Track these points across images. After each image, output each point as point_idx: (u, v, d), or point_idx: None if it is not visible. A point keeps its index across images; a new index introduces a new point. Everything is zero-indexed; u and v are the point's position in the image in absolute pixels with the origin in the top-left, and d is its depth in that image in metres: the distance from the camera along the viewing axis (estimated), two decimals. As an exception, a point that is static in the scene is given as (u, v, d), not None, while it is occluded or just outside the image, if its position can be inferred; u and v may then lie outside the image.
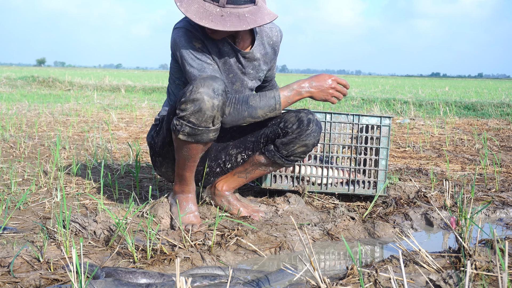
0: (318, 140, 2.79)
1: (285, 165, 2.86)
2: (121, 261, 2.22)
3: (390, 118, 3.36)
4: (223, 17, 2.43)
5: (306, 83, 2.62)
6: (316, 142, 2.78)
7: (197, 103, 2.39)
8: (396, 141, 6.40)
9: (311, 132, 2.73)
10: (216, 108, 2.43)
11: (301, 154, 2.81)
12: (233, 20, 2.44)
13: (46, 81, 19.06)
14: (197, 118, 2.42)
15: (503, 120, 9.34)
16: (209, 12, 2.41)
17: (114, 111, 9.38)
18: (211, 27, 2.40)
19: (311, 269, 1.90)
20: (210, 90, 2.40)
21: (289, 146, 2.76)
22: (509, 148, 5.95)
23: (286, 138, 2.76)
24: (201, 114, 2.41)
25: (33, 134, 6.02)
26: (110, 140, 5.72)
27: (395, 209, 3.23)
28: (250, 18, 2.48)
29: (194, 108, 2.40)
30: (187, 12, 2.40)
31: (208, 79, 2.43)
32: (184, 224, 2.67)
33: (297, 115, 2.76)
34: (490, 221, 3.20)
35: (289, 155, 2.79)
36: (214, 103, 2.41)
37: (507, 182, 4.08)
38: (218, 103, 2.42)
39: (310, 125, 2.73)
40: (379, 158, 3.38)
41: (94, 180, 3.75)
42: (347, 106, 11.75)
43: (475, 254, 2.14)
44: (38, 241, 2.39)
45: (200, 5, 2.42)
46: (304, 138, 2.73)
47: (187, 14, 2.40)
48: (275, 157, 2.80)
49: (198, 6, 2.42)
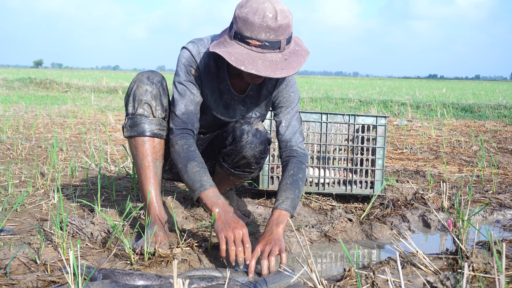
0: (259, 151, 2.63)
1: (240, 176, 2.76)
2: (118, 263, 2.22)
3: (385, 117, 3.37)
4: (287, 61, 2.31)
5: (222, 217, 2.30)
6: (257, 153, 2.63)
7: (132, 90, 2.50)
8: (394, 143, 6.40)
9: (246, 143, 2.58)
10: (150, 94, 2.47)
11: (246, 167, 2.69)
12: (294, 59, 2.33)
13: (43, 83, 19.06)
14: (133, 106, 2.49)
15: (500, 122, 9.35)
16: (275, 63, 2.27)
17: (111, 113, 9.37)
18: (286, 75, 2.28)
19: (309, 271, 1.90)
20: (144, 77, 2.50)
21: (230, 158, 2.67)
22: (506, 150, 5.95)
23: (226, 149, 2.67)
24: (136, 101, 2.48)
25: (30, 136, 6.01)
26: (107, 142, 5.71)
27: (392, 210, 3.23)
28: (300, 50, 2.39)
29: (130, 97, 2.50)
30: (259, 72, 2.23)
31: (145, 72, 2.53)
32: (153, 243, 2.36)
33: (234, 126, 2.65)
34: (487, 223, 3.20)
35: (235, 167, 2.71)
36: (147, 89, 2.47)
37: (504, 184, 4.09)
38: (152, 90, 2.48)
39: (243, 137, 2.59)
40: (376, 157, 3.38)
41: (91, 181, 3.74)
42: (344, 107, 11.76)
43: (472, 256, 2.14)
44: (35, 243, 2.38)
45: (263, 59, 2.27)
46: (240, 149, 2.60)
47: (260, 74, 2.23)
48: (224, 168, 2.74)
49: (262, 61, 2.27)
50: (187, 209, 3.05)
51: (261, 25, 2.23)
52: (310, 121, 3.35)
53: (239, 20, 2.27)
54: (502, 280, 1.56)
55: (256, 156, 2.63)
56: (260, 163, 2.70)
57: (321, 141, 3.36)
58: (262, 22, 2.22)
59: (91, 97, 13.87)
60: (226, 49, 2.30)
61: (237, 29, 2.28)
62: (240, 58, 2.25)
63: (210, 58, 2.55)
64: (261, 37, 2.24)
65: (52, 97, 13.60)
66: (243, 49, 2.27)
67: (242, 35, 2.26)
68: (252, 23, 2.23)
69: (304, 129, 3.35)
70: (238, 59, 2.24)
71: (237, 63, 2.23)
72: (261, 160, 2.67)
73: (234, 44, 2.30)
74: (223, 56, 2.26)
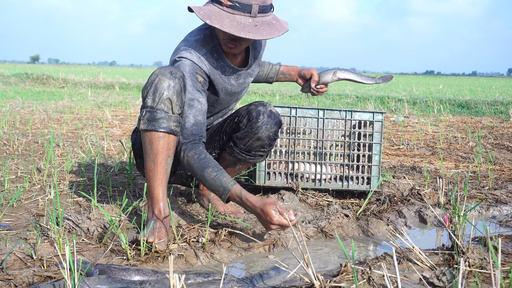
0: (274, 132, 2.70)
1: (249, 160, 2.80)
2: (115, 258, 2.22)
3: (382, 113, 3.37)
4: (257, 27, 2.42)
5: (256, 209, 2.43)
6: (272, 134, 2.70)
7: (153, 83, 2.43)
8: (390, 139, 6.41)
9: (262, 124, 2.65)
10: (172, 89, 2.42)
11: (260, 148, 2.75)
12: (266, 28, 2.44)
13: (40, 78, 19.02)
14: (153, 100, 2.42)
15: (496, 118, 9.36)
16: (243, 24, 2.39)
17: (108, 109, 9.36)
18: (251, 38, 2.38)
19: (305, 266, 1.90)
20: (167, 72, 2.43)
21: (244, 141, 2.71)
22: (502, 146, 5.96)
23: (240, 132, 2.72)
24: (158, 94, 2.41)
25: (27, 132, 6.00)
26: (104, 138, 5.71)
27: (389, 206, 3.24)
28: (277, 25, 2.50)
29: (151, 89, 2.43)
30: (222, 27, 2.36)
31: (167, 67, 2.48)
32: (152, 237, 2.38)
33: (248, 108, 2.71)
34: (483, 219, 3.21)
35: (248, 150, 2.75)
36: (170, 83, 2.42)
37: (500, 180, 4.10)
38: (175, 84, 2.43)
39: (259, 118, 2.65)
40: (373, 153, 3.39)
41: (87, 177, 3.74)
42: (341, 103, 11.76)
43: (468, 252, 2.15)
44: (31, 238, 2.38)
45: (231, 18, 2.40)
46: (255, 131, 2.66)
47: (223, 29, 2.35)
48: (235, 153, 2.77)
49: (230, 20, 2.39)
50: (183, 204, 3.05)
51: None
52: (307, 116, 3.35)
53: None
54: (497, 275, 1.56)
55: (270, 138, 2.71)
56: (271, 146, 2.78)
57: (318, 137, 3.36)
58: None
59: (88, 92, 13.85)
60: (199, 7, 2.45)
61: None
62: (208, 13, 2.42)
63: (208, 55, 2.60)
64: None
65: (49, 93, 13.58)
66: (215, 8, 2.44)
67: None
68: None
69: (301, 125, 3.35)
70: (206, 14, 2.41)
71: (204, 17, 2.39)
72: (273, 142, 2.76)
73: (209, 4, 2.48)
74: (194, 11, 2.41)
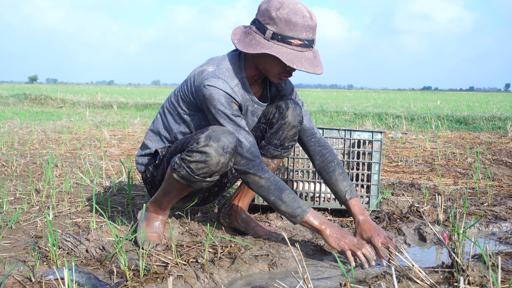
0: (302, 117, 2.83)
1: (283, 154, 2.90)
2: (114, 280, 2.21)
3: (381, 133, 3.38)
4: (316, 58, 2.50)
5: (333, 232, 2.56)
6: (301, 119, 2.82)
7: (204, 156, 2.41)
8: (389, 156, 6.41)
9: (293, 111, 2.78)
10: (221, 165, 2.44)
11: (294, 137, 2.87)
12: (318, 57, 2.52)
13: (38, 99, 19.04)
14: (198, 168, 2.43)
15: (494, 133, 9.37)
16: (310, 60, 2.45)
17: (106, 128, 9.37)
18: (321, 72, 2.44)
19: (304, 286, 1.89)
20: (220, 147, 2.40)
21: (278, 134, 2.83)
22: (501, 162, 5.97)
23: (273, 128, 2.83)
24: (204, 166, 2.42)
25: (25, 152, 6.00)
26: (102, 157, 5.70)
27: (388, 224, 3.23)
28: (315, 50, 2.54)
29: (199, 158, 2.42)
30: (308, 69, 2.40)
31: (221, 133, 2.42)
32: (148, 242, 2.65)
33: (276, 104, 2.81)
34: (483, 235, 3.21)
35: (282, 143, 2.85)
36: (220, 160, 2.42)
37: (499, 196, 4.09)
38: (224, 160, 2.43)
39: (289, 106, 2.78)
40: (371, 173, 3.39)
41: (86, 198, 3.73)
42: (339, 120, 11.78)
43: (468, 269, 2.15)
44: (30, 261, 2.38)
45: (305, 57, 2.44)
46: (289, 120, 2.79)
47: (308, 71, 2.40)
48: (270, 150, 2.86)
49: (305, 59, 2.43)
50: (183, 224, 3.05)
51: (303, 25, 2.41)
52: (305, 135, 3.35)
53: (279, 21, 2.41)
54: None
55: (300, 122, 2.83)
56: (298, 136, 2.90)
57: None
58: (304, 22, 2.41)
59: (86, 112, 13.87)
60: (272, 50, 2.43)
61: (277, 30, 2.43)
62: (290, 57, 2.41)
63: (239, 86, 2.62)
64: (303, 36, 2.43)
65: (47, 113, 13.60)
66: (286, 49, 2.43)
67: (284, 35, 2.42)
68: (296, 23, 2.40)
69: (299, 144, 3.36)
70: (289, 59, 2.40)
71: (288, 62, 2.39)
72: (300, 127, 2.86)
73: (274, 45, 2.45)
74: (278, 56, 2.40)
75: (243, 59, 2.63)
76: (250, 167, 2.53)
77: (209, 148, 2.39)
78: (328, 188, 2.87)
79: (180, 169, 2.47)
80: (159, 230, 2.75)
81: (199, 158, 2.41)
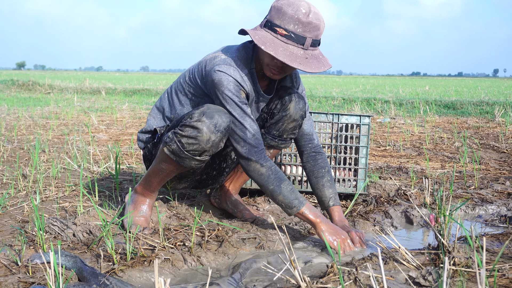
0: (304, 112, 2.80)
1: (281, 145, 2.88)
2: (101, 263, 2.21)
3: (369, 117, 3.38)
4: (307, 60, 2.46)
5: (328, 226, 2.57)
6: (303, 113, 2.80)
7: (196, 131, 2.41)
8: (377, 140, 6.43)
9: (295, 104, 2.76)
10: (211, 143, 2.44)
11: (293, 130, 2.83)
12: (314, 62, 2.48)
13: (26, 85, 18.92)
14: (188, 143, 2.43)
15: (482, 118, 9.41)
16: (295, 55, 2.43)
17: (94, 114, 9.33)
18: (301, 69, 2.43)
19: (291, 268, 1.90)
20: (212, 124, 2.41)
21: (278, 125, 2.80)
22: (488, 146, 6.00)
23: (273, 119, 2.81)
24: (194, 142, 2.43)
25: (12, 138, 5.97)
26: (90, 143, 5.68)
27: (375, 207, 3.24)
28: (323, 60, 2.53)
29: (190, 133, 2.42)
30: (277, 54, 2.38)
31: (215, 111, 2.44)
32: (135, 225, 2.66)
33: (280, 95, 2.80)
34: (469, 218, 3.23)
35: (281, 134, 2.83)
36: (211, 137, 2.42)
37: (486, 179, 4.12)
38: (215, 139, 2.44)
39: (292, 98, 2.76)
40: (359, 156, 3.40)
41: (73, 183, 3.72)
42: (328, 106, 11.78)
43: (454, 251, 2.16)
44: (16, 245, 2.37)
45: (285, 47, 2.43)
46: (290, 112, 2.76)
47: (277, 57, 2.38)
48: (267, 140, 2.85)
49: (283, 49, 2.42)
50: (170, 208, 3.04)
51: (292, 16, 2.42)
52: (292, 119, 3.35)
53: (273, 9, 2.48)
54: (482, 274, 1.57)
55: (303, 117, 2.82)
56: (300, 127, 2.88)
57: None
58: (294, 14, 2.41)
59: (74, 98, 13.79)
60: (253, 31, 2.48)
61: (269, 18, 2.48)
62: (264, 39, 2.43)
63: (248, 76, 2.62)
64: (289, 27, 2.43)
65: (35, 99, 13.52)
66: (269, 34, 2.46)
67: (272, 22, 2.46)
68: (285, 13, 2.42)
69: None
70: (261, 39, 2.42)
71: (259, 42, 2.41)
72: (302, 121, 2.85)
73: (262, 30, 2.49)
74: (250, 35, 2.44)
75: (255, 51, 2.64)
76: (252, 153, 2.54)
77: (201, 124, 2.40)
78: (313, 192, 2.88)
79: (171, 143, 2.47)
80: (146, 213, 2.75)
81: (191, 133, 2.41)
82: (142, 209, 2.76)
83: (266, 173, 2.55)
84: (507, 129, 7.46)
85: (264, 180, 2.56)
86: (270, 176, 2.55)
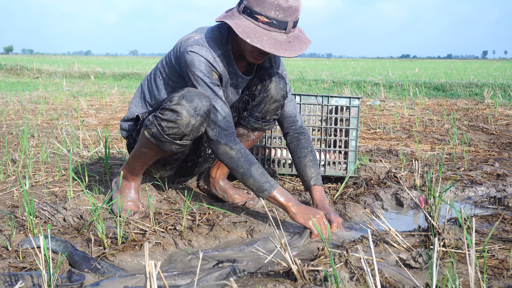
0: (285, 92, 2.79)
1: (264, 127, 2.87)
2: (92, 248, 2.20)
3: (359, 99, 3.38)
4: (291, 43, 2.43)
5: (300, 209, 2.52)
6: (285, 93, 2.78)
7: (175, 115, 2.39)
8: (367, 123, 6.44)
9: (276, 85, 2.74)
10: (191, 127, 2.41)
11: (276, 111, 2.82)
12: (297, 43, 2.45)
13: (14, 69, 18.77)
14: (168, 127, 2.41)
15: (471, 100, 9.44)
16: (279, 42, 2.39)
17: (83, 98, 9.28)
18: (287, 56, 2.38)
19: (282, 251, 1.90)
20: (192, 108, 2.38)
21: (260, 107, 2.79)
22: (477, 128, 6.02)
23: (255, 100, 2.79)
24: (174, 126, 2.40)
25: (1, 123, 5.93)
26: (79, 127, 5.66)
27: (365, 190, 3.25)
28: (303, 37, 2.51)
29: (170, 117, 2.39)
30: (263, 46, 2.34)
31: (195, 95, 2.41)
32: (125, 210, 2.65)
33: (260, 76, 2.77)
34: (459, 200, 3.24)
35: (264, 116, 2.82)
36: (190, 121, 2.40)
37: (475, 161, 4.14)
38: (195, 123, 2.41)
39: (272, 79, 2.75)
40: (349, 139, 3.40)
41: (63, 167, 3.71)
42: (318, 89, 11.78)
43: (444, 232, 2.17)
44: (6, 230, 2.36)
45: (268, 36, 2.38)
46: (271, 92, 2.74)
47: (264, 49, 2.34)
48: (250, 122, 2.83)
49: (267, 38, 2.37)
50: (161, 193, 3.04)
51: (272, 2, 2.35)
52: (282, 102, 3.35)
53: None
54: (472, 255, 1.58)
55: (284, 96, 2.80)
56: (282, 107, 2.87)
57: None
58: (274, 1, 2.34)
59: (63, 82, 13.71)
60: (233, 21, 2.42)
61: (247, 4, 2.40)
62: (247, 30, 2.38)
63: (222, 57, 2.59)
64: (270, 14, 2.37)
65: (23, 83, 13.42)
66: (250, 23, 2.40)
67: (252, 10, 2.39)
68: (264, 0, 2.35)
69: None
70: (244, 31, 2.37)
71: (243, 35, 2.36)
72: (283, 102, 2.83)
73: (242, 18, 2.42)
74: (232, 27, 2.39)
75: (231, 32, 2.59)
76: (222, 136, 2.52)
77: (181, 107, 2.38)
78: (296, 172, 2.87)
79: (151, 126, 2.45)
80: (134, 197, 2.75)
81: (170, 116, 2.39)
82: (129, 194, 2.75)
83: (235, 156, 2.52)
84: (496, 110, 7.49)
85: (234, 163, 2.53)
86: (240, 159, 2.52)
